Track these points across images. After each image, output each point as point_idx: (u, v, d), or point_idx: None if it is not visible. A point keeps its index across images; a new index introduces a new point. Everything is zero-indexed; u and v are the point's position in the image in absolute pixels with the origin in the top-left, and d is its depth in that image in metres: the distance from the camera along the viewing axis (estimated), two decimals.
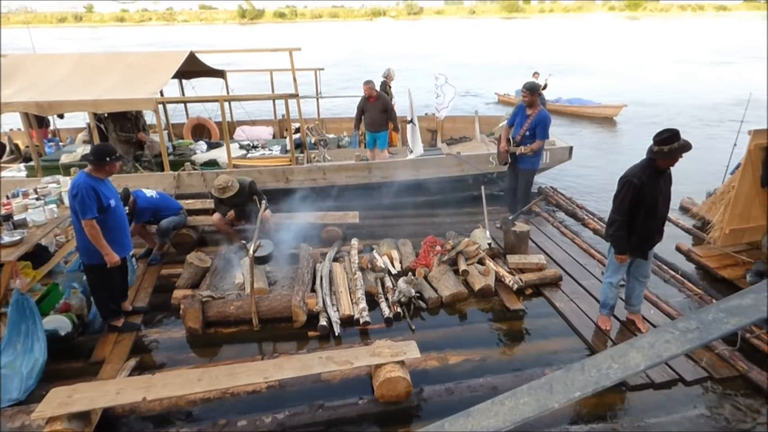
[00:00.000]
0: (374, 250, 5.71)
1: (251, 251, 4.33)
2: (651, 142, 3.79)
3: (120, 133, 7.01)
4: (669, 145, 3.71)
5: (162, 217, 5.66)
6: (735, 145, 6.94)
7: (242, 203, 5.50)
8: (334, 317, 4.47)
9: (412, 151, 7.45)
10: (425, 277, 5.22)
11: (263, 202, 5.37)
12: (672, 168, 3.82)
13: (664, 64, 26.27)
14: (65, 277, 4.78)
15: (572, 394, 1.12)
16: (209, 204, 6.26)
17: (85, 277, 4.40)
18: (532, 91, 5.91)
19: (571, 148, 7.75)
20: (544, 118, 5.94)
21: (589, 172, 9.28)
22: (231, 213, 5.55)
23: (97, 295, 4.28)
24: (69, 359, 4.04)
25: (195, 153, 7.91)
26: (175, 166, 7.12)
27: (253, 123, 9.90)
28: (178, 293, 4.88)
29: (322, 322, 4.43)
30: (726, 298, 1.19)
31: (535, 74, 13.14)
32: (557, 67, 23.02)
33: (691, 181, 8.01)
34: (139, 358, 4.06)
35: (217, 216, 5.70)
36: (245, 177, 5.57)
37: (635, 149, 10.48)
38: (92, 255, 4.06)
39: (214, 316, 4.49)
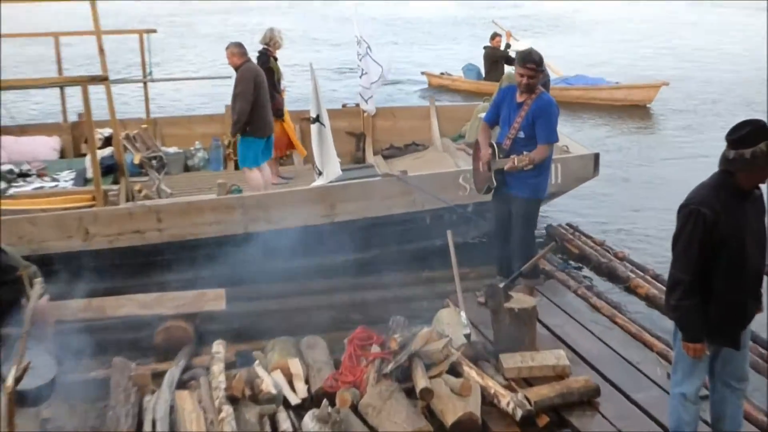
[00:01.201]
0: (257, 362, 5.62)
1: (9, 379, 4.07)
2: (723, 144, 4.02)
3: None
4: (753, 146, 3.86)
5: None
6: None
7: None
8: None
9: (321, 173, 7.53)
10: (354, 408, 5.16)
11: (36, 281, 5.14)
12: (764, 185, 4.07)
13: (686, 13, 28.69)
14: None
15: None
16: None
17: None
18: (538, 64, 6.18)
19: (596, 157, 8.01)
20: (548, 107, 6.17)
21: (626, 196, 9.43)
22: None
23: None
24: None
25: None
26: None
27: (22, 131, 9.83)
28: None
29: None
30: None
31: (496, 38, 13.77)
32: (531, 21, 23.88)
33: None
34: None
35: None
36: None
37: (700, 155, 10.80)
38: None
39: None
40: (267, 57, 8.63)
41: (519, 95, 6.24)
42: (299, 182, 8.16)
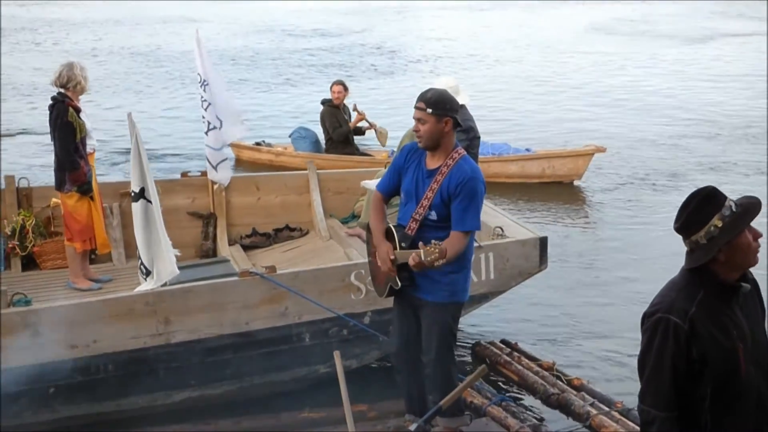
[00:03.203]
0: None
1: None
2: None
3: None
4: (705, 225, 3.62)
5: None
6: None
7: None
8: None
9: (149, 273, 6.80)
10: None
11: None
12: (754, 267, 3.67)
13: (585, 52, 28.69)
14: None
15: None
16: None
17: None
18: (432, 104, 5.58)
19: (542, 243, 7.38)
20: (471, 180, 5.68)
21: (581, 298, 8.96)
22: None
23: None
24: None
25: None
26: None
27: None
28: None
29: None
30: None
31: (335, 87, 12.49)
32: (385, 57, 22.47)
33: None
34: None
35: None
36: None
37: (670, 249, 10.44)
38: None
39: None
40: (65, 107, 7.19)
41: (430, 158, 5.66)
42: (119, 286, 7.27)
